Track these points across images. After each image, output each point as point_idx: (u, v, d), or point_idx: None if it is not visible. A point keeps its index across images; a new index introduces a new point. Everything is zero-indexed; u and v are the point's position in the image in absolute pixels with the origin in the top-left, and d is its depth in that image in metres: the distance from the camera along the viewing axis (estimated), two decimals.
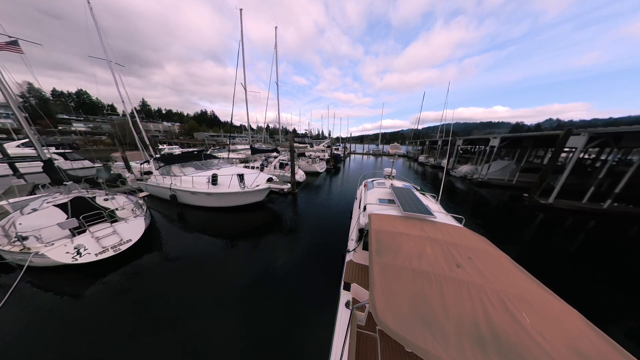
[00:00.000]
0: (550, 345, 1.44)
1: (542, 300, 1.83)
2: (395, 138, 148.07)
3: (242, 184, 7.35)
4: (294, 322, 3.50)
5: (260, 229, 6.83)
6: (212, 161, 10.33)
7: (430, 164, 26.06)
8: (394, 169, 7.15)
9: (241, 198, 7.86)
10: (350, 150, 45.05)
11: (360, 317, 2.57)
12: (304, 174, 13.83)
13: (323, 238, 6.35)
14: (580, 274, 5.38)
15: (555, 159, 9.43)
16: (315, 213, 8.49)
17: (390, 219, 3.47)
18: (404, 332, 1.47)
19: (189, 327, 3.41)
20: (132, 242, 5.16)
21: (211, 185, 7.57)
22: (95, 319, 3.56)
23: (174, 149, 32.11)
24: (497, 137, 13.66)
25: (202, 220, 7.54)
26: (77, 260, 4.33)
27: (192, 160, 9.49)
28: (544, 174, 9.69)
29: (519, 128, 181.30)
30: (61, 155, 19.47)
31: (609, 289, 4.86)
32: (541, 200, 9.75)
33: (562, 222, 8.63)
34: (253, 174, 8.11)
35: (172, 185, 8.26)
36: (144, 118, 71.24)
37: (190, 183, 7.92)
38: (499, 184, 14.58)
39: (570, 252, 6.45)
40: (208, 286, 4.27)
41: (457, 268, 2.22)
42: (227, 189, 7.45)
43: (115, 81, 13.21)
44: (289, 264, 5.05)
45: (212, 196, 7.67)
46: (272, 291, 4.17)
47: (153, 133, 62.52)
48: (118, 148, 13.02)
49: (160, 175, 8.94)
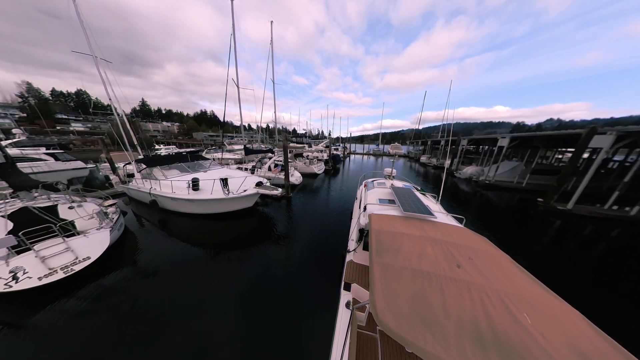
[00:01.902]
0: (550, 345, 1.43)
1: (543, 300, 1.82)
2: (396, 138, 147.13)
3: (225, 189, 6.53)
4: (294, 323, 3.46)
5: (248, 239, 6.23)
6: (201, 163, 9.56)
7: (432, 165, 25.15)
8: (394, 169, 7.06)
9: (226, 205, 7.05)
10: (350, 150, 44.23)
11: (361, 317, 2.55)
12: (301, 176, 13.04)
13: (318, 247, 5.78)
14: (607, 291, 4.74)
15: (577, 160, 8.56)
16: (310, 219, 7.82)
17: (390, 219, 3.45)
18: (404, 332, 1.46)
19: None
20: (92, 259, 4.38)
21: (192, 191, 6.77)
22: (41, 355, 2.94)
23: (170, 149, 31.53)
24: (507, 137, 12.80)
25: (186, 228, 6.81)
26: (11, 287, 3.56)
27: (176, 162, 8.72)
28: (562, 177, 8.80)
29: (519, 128, 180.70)
30: (51, 156, 18.79)
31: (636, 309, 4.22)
32: (559, 206, 8.89)
33: (583, 230, 7.78)
34: (240, 178, 7.30)
35: (151, 189, 7.50)
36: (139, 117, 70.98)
37: (170, 187, 7.15)
38: (507, 187, 13.73)
39: (595, 265, 5.74)
40: (187, 304, 3.85)
41: (458, 268, 2.20)
42: (209, 195, 6.64)
43: (101, 78, 12.47)
44: (279, 279, 4.59)
45: (194, 203, 6.89)
46: (272, 291, 4.13)
47: (152, 133, 62.21)
48: (103, 148, 12.27)
49: (142, 179, 8.20)
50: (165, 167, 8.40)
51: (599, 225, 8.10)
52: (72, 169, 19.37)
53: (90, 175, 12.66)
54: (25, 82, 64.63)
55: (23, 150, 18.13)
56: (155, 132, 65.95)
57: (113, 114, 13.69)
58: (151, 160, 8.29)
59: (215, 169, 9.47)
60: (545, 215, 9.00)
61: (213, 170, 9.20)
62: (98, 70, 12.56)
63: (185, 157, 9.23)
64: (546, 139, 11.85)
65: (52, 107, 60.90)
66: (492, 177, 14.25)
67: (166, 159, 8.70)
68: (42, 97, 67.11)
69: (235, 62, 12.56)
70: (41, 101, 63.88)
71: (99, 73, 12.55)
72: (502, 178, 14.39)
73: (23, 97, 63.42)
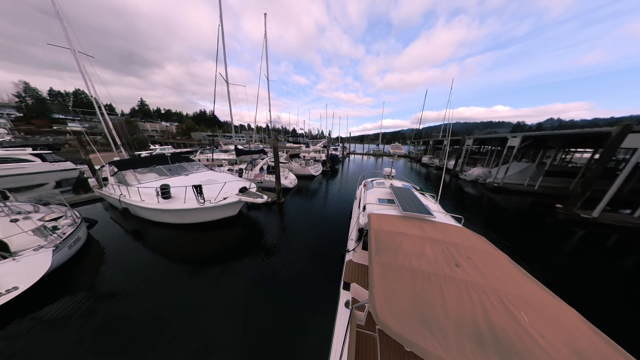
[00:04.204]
0: (549, 343, 1.44)
1: (541, 300, 1.84)
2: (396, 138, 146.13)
3: (200, 198, 5.58)
4: (293, 322, 3.46)
5: (234, 250, 5.59)
6: (184, 165, 8.64)
7: (435, 166, 24.21)
8: (393, 169, 7.01)
9: (205, 214, 6.13)
10: (350, 150, 43.27)
11: (360, 316, 2.63)
12: (295, 179, 12.12)
13: (310, 256, 5.30)
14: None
15: (606, 162, 7.54)
16: (303, 225, 7.09)
17: (389, 219, 3.44)
18: (403, 331, 1.47)
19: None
20: (20, 290, 3.49)
21: (162, 199, 5.84)
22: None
23: (166, 149, 30.71)
24: (518, 137, 11.81)
25: (163, 239, 6.00)
26: None
27: (153, 164, 7.80)
28: (588, 181, 7.79)
29: (520, 127, 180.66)
30: (38, 157, 18.00)
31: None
32: (582, 214, 7.92)
33: (614, 242, 6.84)
34: (222, 184, 6.35)
35: (121, 196, 6.60)
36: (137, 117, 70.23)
37: (140, 194, 6.24)
38: (517, 190, 12.76)
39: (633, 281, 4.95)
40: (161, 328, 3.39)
41: (457, 267, 2.20)
42: (181, 205, 5.70)
43: (81, 72, 11.60)
44: (277, 284, 4.37)
45: (167, 212, 5.97)
46: (271, 293, 4.07)
47: (150, 133, 61.47)
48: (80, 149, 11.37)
49: (115, 184, 7.30)
50: (140, 170, 7.48)
51: (631, 236, 7.14)
52: (61, 170, 18.60)
53: (81, 177, 11.78)
54: (22, 82, 64.14)
55: (7, 151, 17.40)
56: (153, 132, 65.27)
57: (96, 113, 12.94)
58: (123, 162, 7.38)
59: (199, 172, 8.56)
60: (566, 224, 8.04)
61: (196, 174, 8.29)
62: (78, 64, 11.71)
63: (165, 159, 8.32)
64: (562, 138, 10.86)
65: (50, 106, 60.22)
66: (501, 179, 13.28)
67: (140, 161, 7.78)
68: (40, 96, 66.49)
69: (224, 56, 11.63)
70: (38, 101, 63.27)
71: (78, 67, 11.73)
72: (512, 180, 13.40)
73: (20, 96, 62.93)
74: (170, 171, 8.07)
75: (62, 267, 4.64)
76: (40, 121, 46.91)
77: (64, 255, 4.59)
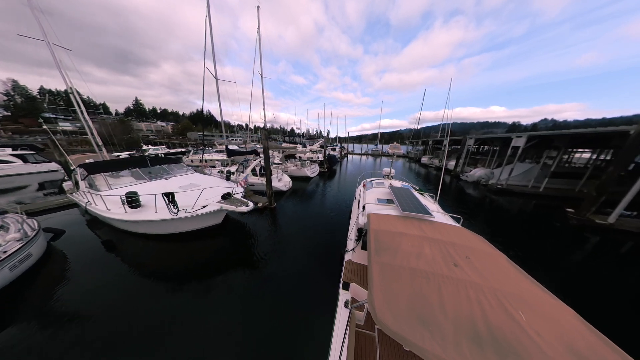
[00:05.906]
0: (545, 342, 1.44)
1: (538, 299, 1.84)
2: (394, 138, 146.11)
3: (173, 207, 4.83)
4: (293, 323, 3.43)
5: (219, 261, 5.03)
6: (166, 168, 7.88)
7: (435, 166, 23.70)
8: (392, 169, 6.99)
9: (184, 224, 5.39)
10: (348, 150, 42.66)
11: (359, 316, 2.63)
12: (290, 181, 11.42)
13: (305, 263, 4.98)
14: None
15: (626, 164, 6.98)
16: (298, 230, 6.55)
17: (389, 219, 3.44)
18: (402, 330, 1.48)
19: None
20: None
21: (128, 208, 5.08)
22: None
23: (159, 150, 29.71)
24: (523, 136, 11.28)
25: (139, 251, 5.35)
26: None
27: (129, 167, 7.02)
28: (604, 184, 7.20)
29: (516, 128, 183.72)
30: (19, 158, 17.03)
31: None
32: (597, 219, 7.36)
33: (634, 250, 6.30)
34: (205, 189, 5.60)
35: (87, 203, 5.82)
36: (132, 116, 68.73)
37: (109, 202, 5.46)
38: (522, 192, 12.25)
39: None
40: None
41: (455, 267, 2.20)
42: (152, 215, 4.95)
43: (57, 65, 10.70)
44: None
45: (138, 222, 5.21)
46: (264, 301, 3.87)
47: (144, 133, 60.06)
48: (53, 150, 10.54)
49: (86, 189, 6.52)
50: (114, 174, 6.70)
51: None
52: (44, 171, 17.67)
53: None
54: (10, 80, 62.18)
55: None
56: (148, 132, 63.86)
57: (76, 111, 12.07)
58: (93, 165, 6.59)
59: (183, 175, 7.80)
60: (579, 230, 7.48)
61: (179, 177, 7.54)
62: (53, 57, 10.80)
63: (144, 160, 7.55)
64: (569, 138, 10.34)
65: (39, 105, 58.45)
66: (505, 181, 12.74)
67: (113, 164, 7.00)
68: (29, 95, 64.52)
69: (212, 50, 10.86)
70: (28, 99, 61.38)
71: (54, 60, 10.85)
72: (516, 182, 12.88)
73: (9, 95, 61.02)
74: (150, 174, 7.30)
75: (12, 286, 4.01)
76: (28, 120, 45.37)
77: (3, 279, 3.84)
